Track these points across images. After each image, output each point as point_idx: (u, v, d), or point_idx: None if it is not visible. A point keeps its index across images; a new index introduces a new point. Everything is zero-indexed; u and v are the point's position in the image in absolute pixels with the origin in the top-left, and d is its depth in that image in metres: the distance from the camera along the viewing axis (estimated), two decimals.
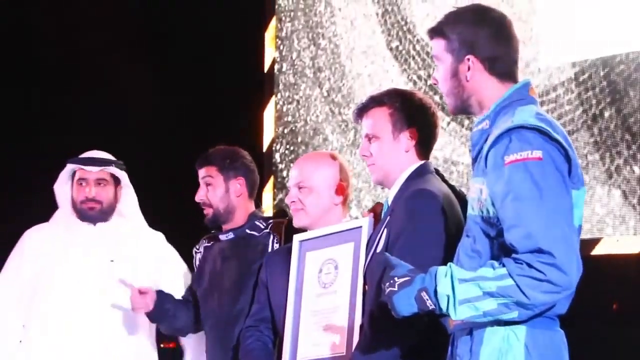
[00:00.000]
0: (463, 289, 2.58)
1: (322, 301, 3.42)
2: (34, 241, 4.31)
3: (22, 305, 4.23)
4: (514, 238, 2.58)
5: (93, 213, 4.25)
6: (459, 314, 2.59)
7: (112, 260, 4.22)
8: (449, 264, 2.66)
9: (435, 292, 2.60)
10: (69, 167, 4.29)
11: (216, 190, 4.01)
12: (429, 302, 2.61)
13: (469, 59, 2.80)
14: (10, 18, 7.07)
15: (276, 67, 6.63)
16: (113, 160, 4.32)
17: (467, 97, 2.82)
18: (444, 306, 2.60)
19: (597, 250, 4.82)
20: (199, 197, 4.03)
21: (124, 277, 4.11)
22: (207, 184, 4.03)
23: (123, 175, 4.32)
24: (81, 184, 4.26)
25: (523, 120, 2.64)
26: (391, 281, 2.68)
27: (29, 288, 4.23)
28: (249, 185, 4.06)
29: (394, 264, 2.72)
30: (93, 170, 4.26)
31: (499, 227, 2.65)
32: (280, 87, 6.59)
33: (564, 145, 2.62)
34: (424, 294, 2.62)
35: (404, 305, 2.65)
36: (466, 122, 5.41)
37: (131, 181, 4.41)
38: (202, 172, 4.05)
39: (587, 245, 4.77)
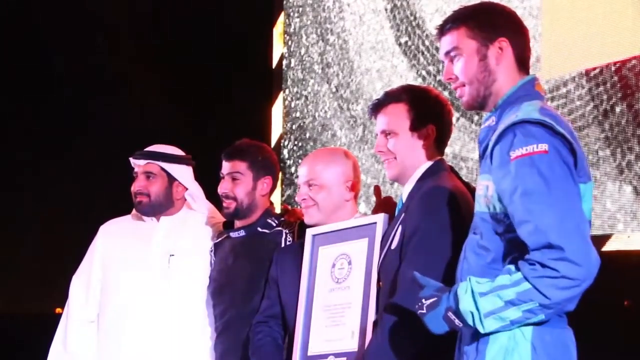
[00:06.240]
0: (485, 302, 2.57)
1: (335, 296, 3.42)
2: (104, 236, 4.33)
3: (92, 300, 4.25)
4: (525, 234, 2.57)
5: (141, 206, 4.22)
6: (487, 327, 2.59)
7: (172, 255, 4.20)
8: (468, 277, 2.65)
9: (458, 309, 2.60)
10: (131, 160, 4.29)
11: (244, 186, 3.98)
12: (457, 322, 2.63)
13: (501, 42, 2.79)
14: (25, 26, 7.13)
15: (284, 62, 6.63)
16: (164, 153, 4.25)
17: (492, 83, 2.80)
18: (470, 322, 2.60)
19: (608, 247, 4.80)
20: (224, 189, 3.99)
21: (182, 272, 4.12)
22: (234, 179, 3.99)
23: (175, 170, 4.24)
24: (135, 176, 4.27)
25: (527, 115, 2.64)
26: (420, 303, 2.69)
27: (99, 283, 4.26)
28: (274, 184, 4.06)
29: (422, 283, 2.73)
30: (140, 163, 4.24)
31: (507, 224, 2.65)
32: (289, 82, 6.58)
33: (569, 138, 2.62)
34: (450, 314, 2.63)
35: (436, 326, 2.66)
36: (475, 117, 5.40)
37: None
38: (229, 165, 4.00)
39: (598, 241, 4.75)
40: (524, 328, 2.62)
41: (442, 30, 2.87)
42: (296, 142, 6.51)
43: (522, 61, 2.82)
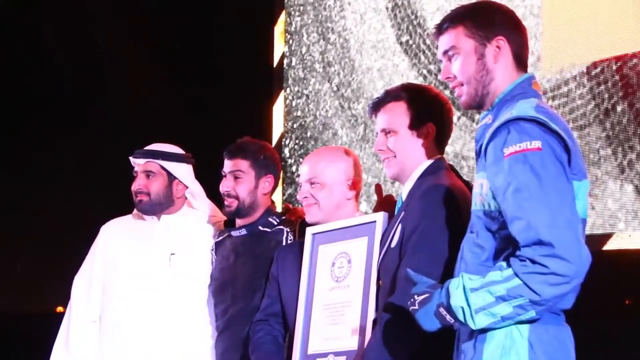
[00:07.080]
0: (476, 298, 2.58)
1: (335, 295, 3.41)
2: (105, 236, 4.33)
3: (94, 299, 4.25)
4: (516, 230, 2.57)
5: (142, 205, 4.21)
6: (477, 323, 2.59)
7: (173, 254, 4.19)
8: (460, 274, 2.65)
9: (450, 305, 2.60)
10: (131, 160, 4.29)
11: (246, 184, 3.98)
12: (448, 317, 2.63)
13: (499, 40, 2.79)
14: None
15: (285, 61, 6.62)
16: (164, 152, 4.24)
17: (490, 81, 2.80)
18: (461, 318, 2.60)
19: (609, 246, 4.80)
20: (226, 187, 3.98)
21: (183, 270, 4.12)
22: (236, 177, 3.98)
23: (175, 168, 4.24)
24: (135, 175, 4.26)
25: (521, 112, 2.64)
26: (412, 299, 2.69)
27: (100, 282, 4.26)
28: (276, 183, 4.06)
29: (415, 280, 2.73)
30: (140, 162, 4.24)
31: (501, 221, 2.65)
32: (290, 81, 6.57)
33: (563, 136, 2.62)
34: (442, 309, 2.63)
35: (427, 322, 2.66)
36: (476, 116, 5.39)
37: None
38: (231, 164, 3.99)
39: (599, 240, 4.75)
40: (521, 326, 2.61)
41: (440, 29, 2.87)
42: (297, 141, 6.50)
43: (520, 59, 2.82)
